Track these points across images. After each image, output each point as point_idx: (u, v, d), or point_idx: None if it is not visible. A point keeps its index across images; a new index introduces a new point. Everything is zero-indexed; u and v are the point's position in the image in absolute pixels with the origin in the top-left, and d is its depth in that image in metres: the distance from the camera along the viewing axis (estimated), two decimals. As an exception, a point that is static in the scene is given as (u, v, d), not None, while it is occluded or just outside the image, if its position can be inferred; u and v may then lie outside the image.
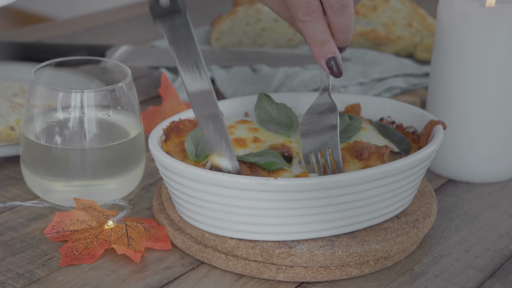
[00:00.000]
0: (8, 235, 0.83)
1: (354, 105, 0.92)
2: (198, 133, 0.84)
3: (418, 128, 0.89)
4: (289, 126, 0.85)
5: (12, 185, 0.93)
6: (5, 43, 1.21)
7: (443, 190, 0.96)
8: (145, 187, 0.93)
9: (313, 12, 0.76)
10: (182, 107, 1.04)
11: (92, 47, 1.19)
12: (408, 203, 0.84)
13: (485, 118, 0.95)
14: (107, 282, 0.77)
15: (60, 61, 0.89)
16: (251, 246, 0.78)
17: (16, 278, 0.77)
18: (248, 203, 0.76)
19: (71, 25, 1.47)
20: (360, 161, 0.81)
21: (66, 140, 0.85)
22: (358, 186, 0.77)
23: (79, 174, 0.86)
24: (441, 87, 0.97)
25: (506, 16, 0.92)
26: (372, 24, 1.32)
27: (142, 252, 0.80)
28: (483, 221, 0.90)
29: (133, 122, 0.88)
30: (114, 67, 0.91)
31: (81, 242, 0.80)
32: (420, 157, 0.80)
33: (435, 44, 0.97)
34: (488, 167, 0.97)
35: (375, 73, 1.16)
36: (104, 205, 0.88)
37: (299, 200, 0.76)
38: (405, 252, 0.82)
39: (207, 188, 0.76)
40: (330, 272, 0.78)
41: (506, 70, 0.94)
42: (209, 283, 0.78)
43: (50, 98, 0.84)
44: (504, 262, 0.83)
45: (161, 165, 0.80)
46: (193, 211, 0.80)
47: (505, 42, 0.93)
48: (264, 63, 1.19)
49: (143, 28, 1.46)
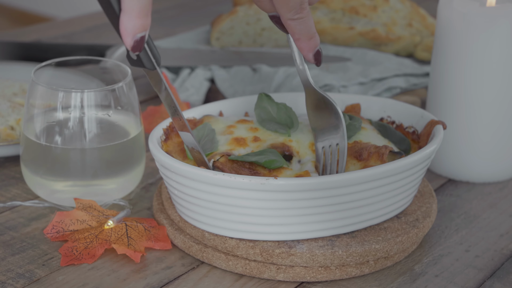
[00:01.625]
0: (8, 235, 0.83)
1: (354, 105, 0.92)
2: (198, 133, 0.84)
3: (418, 128, 0.89)
4: (289, 126, 0.85)
5: (12, 185, 0.93)
6: (5, 43, 1.21)
7: (443, 190, 0.96)
8: (145, 187, 0.93)
9: (304, 9, 0.76)
10: (182, 107, 1.04)
11: (92, 47, 1.19)
12: (408, 203, 0.84)
13: (485, 117, 0.95)
14: (107, 282, 0.77)
15: (60, 61, 0.89)
16: (251, 246, 0.78)
17: (16, 278, 0.77)
18: (248, 203, 0.76)
19: (71, 25, 1.47)
20: (359, 161, 0.81)
21: (66, 140, 0.85)
22: (358, 186, 0.77)
23: (79, 174, 0.86)
24: (441, 87, 0.97)
25: (506, 15, 0.92)
26: (372, 24, 1.32)
27: (142, 252, 0.80)
28: (483, 221, 0.90)
29: (133, 122, 0.88)
30: (114, 67, 0.91)
31: (81, 242, 0.80)
32: (420, 157, 0.80)
33: (435, 44, 0.97)
34: (488, 167, 0.97)
35: (375, 73, 1.16)
36: (104, 205, 0.88)
37: (299, 200, 0.76)
38: (405, 252, 0.82)
39: (207, 188, 0.76)
40: (330, 272, 0.78)
41: (506, 69, 0.94)
42: (209, 283, 0.78)
43: (50, 98, 0.84)
44: (504, 262, 0.83)
45: (161, 165, 0.80)
46: (193, 211, 0.80)
47: (505, 42, 0.93)
48: (264, 63, 1.19)
49: (143, 28, 1.46)
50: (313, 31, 0.78)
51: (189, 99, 1.11)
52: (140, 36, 0.69)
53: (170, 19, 1.53)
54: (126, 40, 0.69)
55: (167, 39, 1.30)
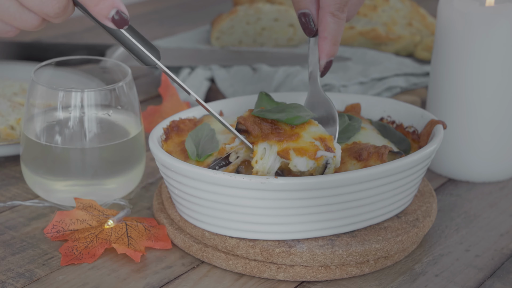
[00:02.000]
0: (8, 235, 0.83)
1: (355, 105, 0.92)
2: (198, 132, 0.84)
3: (418, 128, 0.89)
4: None
5: (12, 184, 0.93)
6: (5, 43, 1.21)
7: (443, 189, 0.96)
8: (145, 186, 0.93)
9: (344, 11, 0.78)
10: (182, 106, 1.04)
11: (92, 47, 1.19)
12: (408, 203, 0.84)
13: (485, 117, 0.95)
14: (107, 282, 0.77)
15: (60, 61, 0.89)
16: (251, 245, 0.78)
17: (16, 278, 0.77)
18: (248, 202, 0.76)
19: (71, 25, 1.47)
20: (359, 161, 0.81)
21: (66, 139, 0.85)
22: (359, 185, 0.77)
23: (79, 174, 0.86)
24: (441, 87, 0.97)
25: (506, 15, 0.92)
26: (372, 23, 1.32)
27: (142, 252, 0.80)
28: (483, 221, 0.90)
29: (133, 122, 0.88)
30: (114, 66, 0.91)
31: (81, 241, 0.80)
32: (420, 157, 0.80)
33: (435, 43, 0.97)
34: (488, 166, 0.97)
35: (375, 72, 1.16)
36: (104, 205, 0.88)
37: (300, 199, 0.76)
38: (405, 252, 0.82)
39: (207, 187, 0.76)
40: (330, 271, 0.78)
41: (506, 69, 0.94)
42: (209, 282, 0.78)
43: (50, 98, 0.84)
44: (504, 262, 0.83)
45: (161, 164, 0.80)
46: (193, 210, 0.80)
47: (505, 42, 0.93)
48: (264, 62, 1.19)
49: (143, 28, 1.46)
50: (339, 38, 0.80)
51: (189, 99, 1.11)
52: (114, 13, 0.70)
53: (170, 18, 1.53)
54: (106, 22, 0.71)
55: (167, 39, 1.30)
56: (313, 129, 0.79)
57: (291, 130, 0.79)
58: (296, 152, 0.77)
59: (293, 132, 0.78)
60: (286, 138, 0.78)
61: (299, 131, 0.78)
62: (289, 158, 0.77)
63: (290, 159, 0.77)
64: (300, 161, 0.77)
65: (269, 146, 0.78)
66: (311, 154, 0.77)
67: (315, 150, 0.77)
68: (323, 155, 0.77)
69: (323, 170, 0.78)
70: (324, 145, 0.77)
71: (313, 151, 0.77)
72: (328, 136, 0.78)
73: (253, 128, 0.78)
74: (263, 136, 0.78)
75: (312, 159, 0.77)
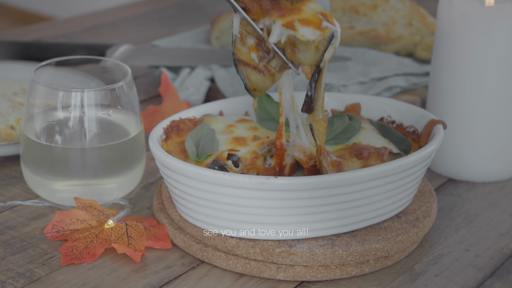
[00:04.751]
0: (8, 234, 0.83)
1: (355, 105, 0.92)
2: (198, 132, 0.84)
3: (418, 128, 0.89)
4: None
5: (12, 184, 0.93)
6: (5, 43, 1.21)
7: (443, 189, 0.96)
8: (145, 186, 0.93)
9: None
10: (182, 106, 1.04)
11: (92, 46, 1.19)
12: (408, 202, 0.84)
13: (485, 117, 0.95)
14: (107, 281, 0.77)
15: (60, 60, 0.89)
16: (251, 245, 0.78)
17: (16, 277, 0.77)
18: (248, 202, 0.76)
19: (71, 25, 1.47)
20: (360, 160, 0.81)
21: (66, 139, 0.85)
22: (359, 185, 0.77)
23: (79, 173, 0.86)
24: (441, 86, 0.97)
25: (506, 15, 0.92)
26: (372, 23, 1.32)
27: (142, 251, 0.80)
28: (483, 220, 0.90)
29: (133, 121, 0.88)
30: (114, 66, 0.91)
31: (81, 241, 0.80)
32: (420, 157, 0.80)
33: (435, 43, 0.97)
34: (488, 166, 0.97)
35: (375, 72, 1.16)
36: (104, 204, 0.88)
37: (299, 199, 0.76)
38: (405, 251, 0.82)
39: (207, 187, 0.76)
40: (330, 271, 0.78)
41: (506, 69, 0.94)
42: (209, 282, 0.78)
43: (50, 97, 0.84)
44: (504, 261, 0.83)
45: (161, 164, 0.80)
46: (193, 210, 0.80)
47: (505, 41, 0.93)
48: (264, 62, 1.19)
49: (143, 27, 1.46)
50: None
51: (189, 99, 1.11)
52: None
53: (170, 18, 1.53)
54: None
55: (167, 39, 1.30)
56: (313, 5, 0.78)
57: (291, 5, 0.77)
58: (301, 23, 0.75)
59: (294, 7, 0.77)
60: (288, 12, 0.76)
61: (300, 6, 0.77)
62: (295, 28, 0.75)
63: (296, 30, 0.75)
64: (307, 30, 0.75)
65: (272, 21, 0.76)
66: (317, 24, 0.75)
67: (320, 21, 0.75)
68: (328, 26, 0.76)
69: (327, 44, 0.76)
70: (326, 19, 0.76)
71: (317, 21, 0.75)
72: (328, 13, 0.77)
73: (252, 5, 0.76)
74: (263, 12, 0.77)
75: (318, 29, 0.75)
